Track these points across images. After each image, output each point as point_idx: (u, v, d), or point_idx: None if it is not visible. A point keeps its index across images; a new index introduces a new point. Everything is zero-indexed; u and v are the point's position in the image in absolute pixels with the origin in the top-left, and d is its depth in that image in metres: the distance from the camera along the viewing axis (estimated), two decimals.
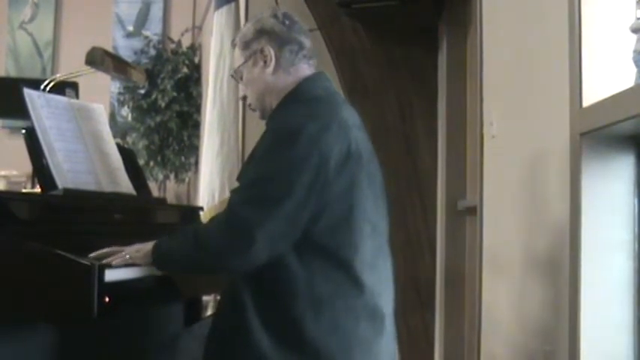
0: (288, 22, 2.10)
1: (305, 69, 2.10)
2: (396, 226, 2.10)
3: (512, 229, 2.91)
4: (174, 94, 7.65)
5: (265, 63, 2.07)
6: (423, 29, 4.28)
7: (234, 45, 2.18)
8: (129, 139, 7.86)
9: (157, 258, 1.99)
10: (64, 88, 3.54)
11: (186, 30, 8.14)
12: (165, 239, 2.01)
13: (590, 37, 2.19)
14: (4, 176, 6.96)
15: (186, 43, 8.09)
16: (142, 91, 7.73)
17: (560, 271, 2.33)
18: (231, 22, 4.30)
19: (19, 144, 2.45)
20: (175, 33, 8.26)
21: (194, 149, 7.74)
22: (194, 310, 2.97)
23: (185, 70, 7.82)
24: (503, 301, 3.01)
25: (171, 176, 7.86)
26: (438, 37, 4.32)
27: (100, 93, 7.26)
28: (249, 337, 1.86)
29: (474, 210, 3.56)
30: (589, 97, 2.16)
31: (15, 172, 6.76)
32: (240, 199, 1.90)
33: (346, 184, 1.90)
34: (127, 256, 1.99)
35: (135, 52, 8.08)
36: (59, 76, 3.27)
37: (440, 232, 4.15)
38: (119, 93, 8.08)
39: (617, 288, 2.11)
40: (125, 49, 8.40)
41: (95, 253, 2.00)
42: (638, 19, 2.01)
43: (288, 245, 1.87)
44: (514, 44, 2.96)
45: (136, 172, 2.79)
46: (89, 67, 3.14)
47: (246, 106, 2.24)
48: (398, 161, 4.23)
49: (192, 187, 7.90)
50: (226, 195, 4.04)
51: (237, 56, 2.16)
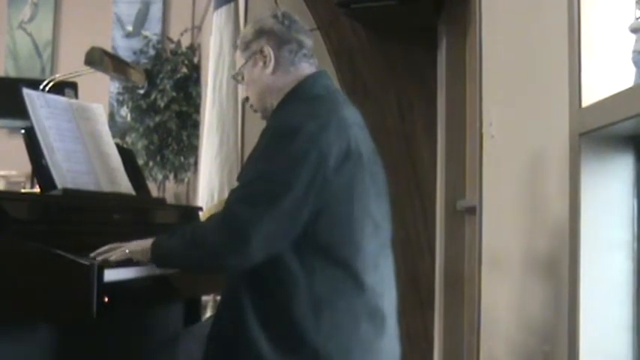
0: (287, 21, 2.10)
1: (305, 68, 2.10)
2: (396, 226, 2.10)
3: (511, 229, 2.91)
4: (173, 94, 7.65)
5: (265, 63, 2.08)
6: (422, 29, 4.28)
7: (235, 47, 2.19)
8: (128, 139, 7.85)
9: (155, 255, 2.00)
10: (63, 88, 3.54)
11: (186, 30, 8.14)
12: (164, 237, 2.01)
13: (590, 37, 2.19)
14: (3, 176, 6.96)
15: (186, 43, 8.09)
16: (141, 91, 7.73)
17: (560, 271, 2.33)
18: (231, 22, 4.29)
19: (18, 144, 2.45)
20: (174, 33, 8.26)
21: (193, 149, 7.74)
22: (193, 311, 2.97)
23: (184, 70, 7.82)
24: (502, 301, 3.01)
25: (171, 176, 7.86)
26: (437, 36, 4.32)
27: (99, 93, 7.27)
28: (248, 338, 1.86)
29: (473, 210, 3.55)
30: (588, 97, 2.16)
31: (14, 172, 6.76)
32: (238, 197, 1.91)
33: (346, 182, 1.90)
34: (127, 251, 2.00)
35: (134, 52, 8.08)
36: (58, 76, 3.27)
37: (439, 232, 4.15)
38: (118, 93, 8.08)
39: (616, 288, 2.11)
40: (124, 49, 8.41)
41: (95, 252, 2.00)
42: (637, 19, 2.01)
43: (286, 244, 1.86)
44: (513, 44, 2.96)
45: (135, 172, 2.79)
46: (88, 67, 3.14)
47: (246, 107, 2.24)
48: (397, 161, 4.23)
49: (192, 188, 7.91)
50: (225, 195, 4.04)
51: (238, 58, 2.16)
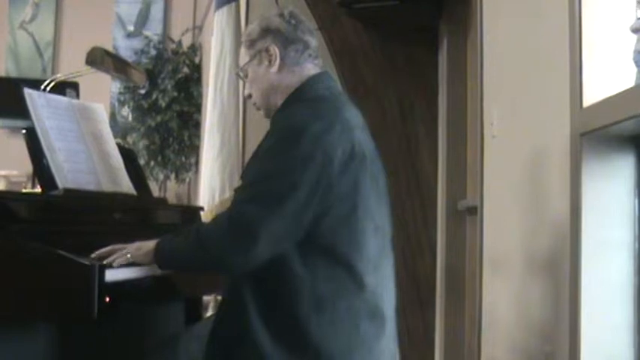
0: (294, 21, 2.10)
1: (310, 68, 2.10)
2: (396, 226, 2.10)
3: (512, 229, 2.91)
4: (174, 94, 7.64)
5: (270, 62, 2.07)
6: (423, 29, 4.28)
7: (240, 43, 2.19)
8: (129, 139, 7.85)
9: (159, 257, 1.99)
10: (64, 88, 3.54)
11: (187, 30, 8.14)
12: (168, 238, 2.01)
13: (591, 37, 2.19)
14: (4, 176, 6.95)
15: (187, 43, 8.08)
16: (142, 91, 7.72)
17: (561, 271, 2.33)
18: (232, 22, 4.29)
19: (19, 144, 2.45)
20: (176, 33, 8.25)
21: (195, 149, 7.73)
22: (194, 310, 2.97)
23: (185, 70, 7.81)
24: (503, 301, 3.00)
25: (172, 176, 7.85)
26: (438, 36, 4.31)
27: (101, 93, 7.26)
28: (250, 337, 1.86)
29: (474, 210, 3.56)
30: (589, 97, 2.16)
31: (15, 172, 6.75)
32: (244, 197, 1.90)
33: (350, 184, 1.90)
34: (128, 255, 2.00)
35: (135, 52, 8.07)
36: (60, 76, 3.27)
37: (440, 232, 4.15)
38: (119, 93, 8.07)
39: (617, 288, 2.11)
40: (126, 49, 8.40)
41: (97, 252, 2.00)
42: (638, 19, 2.02)
43: (291, 243, 1.87)
44: (514, 44, 2.96)
45: (137, 172, 2.79)
46: (90, 67, 3.14)
47: (247, 106, 2.24)
48: (398, 161, 4.23)
49: (193, 187, 7.90)
50: (227, 195, 4.05)
51: (242, 55, 2.16)
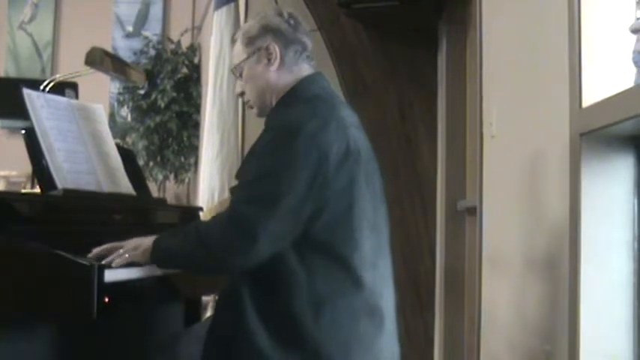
0: (293, 21, 2.10)
1: (306, 69, 2.10)
2: (396, 227, 2.10)
3: (511, 229, 2.91)
4: (173, 94, 7.64)
5: (269, 60, 2.07)
6: (422, 29, 4.29)
7: (234, 40, 2.17)
8: (128, 139, 7.84)
9: (156, 256, 1.99)
10: (63, 88, 3.54)
11: (186, 30, 8.13)
12: (166, 236, 2.01)
13: (590, 38, 2.19)
14: (3, 176, 6.94)
15: (186, 43, 8.08)
16: (141, 92, 7.71)
17: (560, 271, 2.33)
18: (231, 22, 4.29)
19: (18, 144, 2.44)
20: (175, 33, 8.24)
21: (194, 149, 7.73)
22: (194, 311, 2.97)
23: (185, 71, 7.81)
24: (502, 301, 3.01)
25: (171, 177, 7.85)
26: (437, 37, 4.32)
27: (100, 93, 7.25)
28: (248, 335, 1.86)
29: (473, 210, 3.56)
30: (589, 98, 2.16)
31: (14, 173, 6.74)
32: (242, 197, 1.91)
33: (345, 181, 1.90)
34: (127, 256, 1.99)
35: (134, 53, 8.06)
36: (59, 77, 3.27)
37: (440, 233, 4.15)
38: (119, 93, 8.06)
39: (616, 288, 2.11)
40: (124, 49, 8.39)
41: (94, 250, 2.00)
42: (637, 19, 2.02)
43: (289, 241, 1.87)
44: (514, 44, 2.96)
45: (136, 172, 2.79)
46: (89, 68, 3.14)
47: (246, 106, 2.23)
48: (397, 161, 4.23)
49: (192, 188, 7.89)
50: (226, 195, 4.04)
51: (238, 52, 2.14)
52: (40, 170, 2.32)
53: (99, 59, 3.13)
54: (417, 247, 4.24)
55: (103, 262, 1.94)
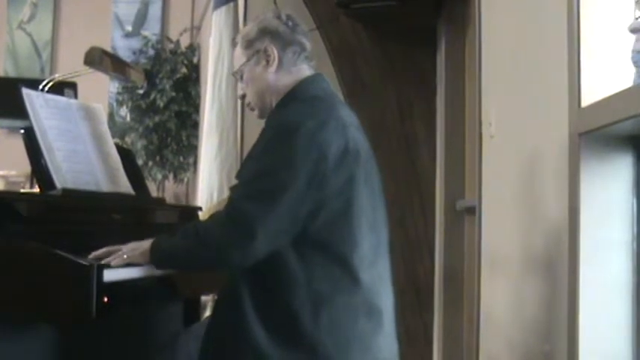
0: (291, 23, 2.13)
1: (305, 70, 2.12)
2: (395, 226, 2.10)
3: (510, 229, 2.91)
4: (172, 94, 7.64)
5: (268, 62, 2.09)
6: (421, 29, 4.28)
7: (235, 44, 2.20)
8: (127, 139, 7.84)
9: (155, 256, 2.00)
10: (62, 88, 3.54)
11: (185, 30, 8.13)
12: (164, 237, 2.02)
13: (589, 37, 2.19)
14: (2, 176, 6.95)
15: (185, 43, 8.08)
16: (140, 91, 7.72)
17: (559, 271, 2.33)
18: (230, 22, 4.29)
19: (17, 144, 2.44)
20: (174, 33, 8.25)
21: (193, 149, 7.73)
22: (193, 310, 2.97)
23: (184, 70, 7.80)
24: (501, 301, 3.01)
25: (170, 176, 7.85)
26: (436, 36, 4.32)
27: (99, 93, 7.26)
28: (246, 333, 1.87)
29: (472, 210, 3.56)
30: (588, 97, 2.16)
31: (14, 172, 6.75)
32: (242, 194, 1.92)
33: (344, 180, 1.92)
34: (125, 256, 1.99)
35: (133, 52, 8.07)
36: (58, 76, 3.27)
37: (439, 232, 4.15)
38: (118, 93, 8.06)
39: (615, 288, 2.11)
40: (124, 49, 8.39)
41: (93, 254, 2.00)
42: (636, 19, 2.01)
43: (287, 239, 1.88)
44: (513, 44, 2.96)
45: (135, 172, 2.79)
46: (88, 67, 3.14)
47: (245, 106, 2.25)
48: (397, 161, 4.23)
49: (191, 187, 7.90)
50: (225, 195, 4.04)
51: (238, 55, 2.17)
52: (39, 170, 2.32)
53: (98, 59, 3.14)
54: (416, 246, 4.24)
55: (102, 262, 1.94)
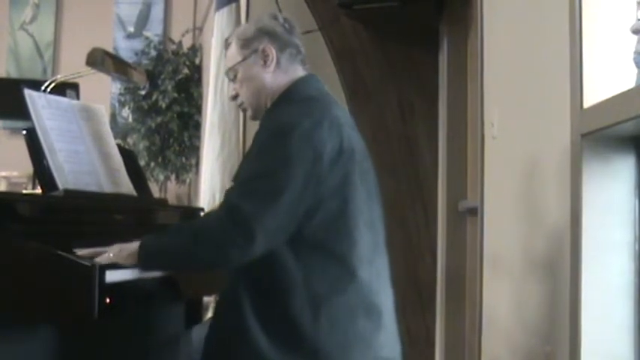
0: (288, 25, 2.14)
1: (300, 72, 2.14)
2: (397, 227, 2.11)
3: (512, 230, 2.91)
4: (174, 95, 7.64)
5: (265, 62, 2.10)
6: (423, 30, 4.28)
7: (228, 43, 2.19)
8: (129, 140, 7.84)
9: (145, 256, 1.96)
10: (64, 89, 3.55)
11: (187, 31, 8.13)
12: (153, 237, 1.99)
13: (591, 38, 2.19)
14: (4, 177, 6.95)
15: (187, 44, 8.08)
16: (142, 92, 7.71)
17: (561, 272, 2.33)
18: (232, 23, 4.30)
19: (19, 145, 2.45)
20: (176, 34, 8.24)
21: (195, 150, 7.73)
22: (195, 312, 2.97)
23: (186, 71, 7.80)
24: (503, 302, 3.00)
25: (172, 177, 7.84)
26: (438, 38, 4.31)
27: (101, 94, 7.26)
28: (247, 337, 1.87)
29: (474, 211, 3.55)
30: (590, 98, 2.16)
31: (16, 173, 6.75)
32: (239, 193, 1.92)
33: (339, 179, 1.93)
34: (111, 254, 1.96)
35: (135, 53, 8.06)
36: (60, 77, 3.28)
37: (441, 233, 4.15)
38: (120, 94, 8.06)
39: (617, 289, 2.11)
40: (126, 50, 8.39)
41: (78, 254, 1.95)
42: (638, 20, 2.01)
43: (284, 239, 1.89)
44: (515, 45, 2.96)
45: (137, 173, 2.79)
46: (90, 68, 3.15)
47: (239, 108, 2.25)
48: (398, 162, 4.23)
49: (193, 188, 7.89)
50: None
51: (232, 54, 2.16)
52: (41, 171, 2.33)
53: (100, 60, 3.14)
54: (417, 247, 4.24)
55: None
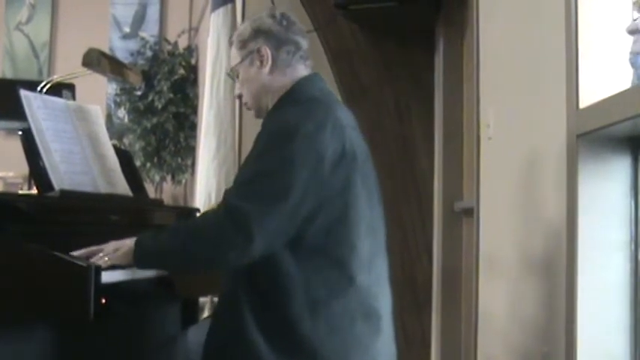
0: (285, 22, 2.10)
1: (301, 70, 2.11)
2: (393, 228, 2.10)
3: (508, 230, 2.91)
4: (170, 95, 7.64)
5: (262, 63, 2.08)
6: (419, 31, 4.29)
7: (230, 43, 2.18)
8: (125, 140, 7.84)
9: (140, 255, 1.95)
10: (60, 89, 3.53)
11: (183, 31, 8.13)
12: (149, 235, 1.98)
13: (587, 39, 2.19)
14: (0, 177, 6.94)
15: (183, 44, 8.08)
16: (138, 93, 7.71)
17: (557, 273, 2.33)
18: (228, 23, 4.30)
19: (15, 145, 2.44)
20: (172, 34, 8.24)
21: (191, 151, 7.73)
22: (191, 312, 2.96)
23: (182, 72, 7.80)
24: (499, 303, 3.01)
25: (168, 178, 7.84)
26: (435, 38, 4.32)
27: (97, 94, 7.24)
28: (247, 340, 1.86)
29: (470, 211, 3.56)
30: (586, 99, 2.16)
31: (11, 174, 6.74)
32: (239, 194, 1.90)
33: (341, 183, 1.91)
34: (106, 258, 1.96)
35: (131, 54, 8.06)
36: (56, 78, 3.27)
37: (437, 234, 4.15)
38: (116, 94, 8.05)
39: (613, 289, 2.11)
40: (122, 50, 8.38)
41: (73, 254, 1.96)
42: (634, 20, 2.02)
43: (283, 242, 1.87)
44: (511, 46, 2.96)
45: (133, 173, 2.79)
46: (86, 69, 3.14)
47: (243, 108, 2.24)
48: (395, 162, 4.23)
49: (189, 189, 7.89)
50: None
51: (233, 55, 2.16)
52: (37, 171, 2.32)
53: (96, 60, 3.13)
54: (413, 248, 4.24)
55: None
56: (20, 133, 2.36)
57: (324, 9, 4.21)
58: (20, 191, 3.90)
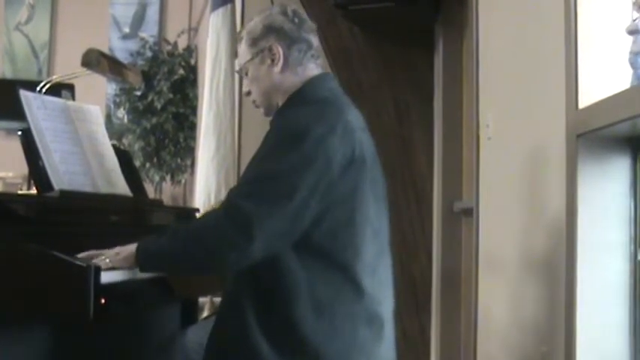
0: (297, 19, 2.06)
1: (312, 69, 2.08)
2: (392, 228, 2.09)
3: (508, 230, 2.91)
4: (170, 95, 7.63)
5: (273, 61, 2.04)
6: (419, 30, 4.29)
7: (240, 38, 2.12)
8: (125, 140, 7.83)
9: (143, 259, 1.94)
10: (60, 89, 3.53)
11: (183, 32, 8.12)
12: (150, 239, 1.97)
13: (587, 39, 2.19)
14: (0, 177, 6.94)
15: (183, 44, 8.07)
16: (137, 93, 7.71)
17: (556, 273, 2.33)
18: (228, 23, 4.30)
19: (15, 145, 2.44)
20: (171, 35, 8.24)
21: (190, 151, 7.72)
22: (190, 312, 2.96)
23: (181, 72, 7.80)
24: (499, 303, 3.01)
25: (168, 178, 7.84)
26: (434, 38, 4.32)
27: (96, 95, 7.23)
28: (248, 341, 1.85)
29: (470, 211, 3.56)
30: (585, 99, 2.16)
31: (11, 174, 6.73)
32: (243, 193, 1.87)
33: (349, 187, 1.89)
34: (107, 260, 1.95)
35: (131, 54, 8.06)
36: (55, 78, 3.26)
37: (436, 234, 4.15)
38: (115, 95, 8.05)
39: (613, 289, 2.11)
40: (121, 50, 8.38)
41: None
42: (634, 20, 2.02)
43: (285, 245, 1.85)
44: (510, 46, 2.97)
45: (132, 173, 2.79)
46: (85, 69, 3.13)
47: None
48: (394, 162, 4.23)
49: (189, 189, 7.88)
50: (222, 196, 4.04)
51: (243, 52, 2.10)
52: (37, 171, 2.32)
53: (95, 60, 3.13)
54: (413, 248, 4.24)
55: None
56: (20, 133, 2.36)
57: (323, 9, 4.20)
58: (20, 191, 3.90)
